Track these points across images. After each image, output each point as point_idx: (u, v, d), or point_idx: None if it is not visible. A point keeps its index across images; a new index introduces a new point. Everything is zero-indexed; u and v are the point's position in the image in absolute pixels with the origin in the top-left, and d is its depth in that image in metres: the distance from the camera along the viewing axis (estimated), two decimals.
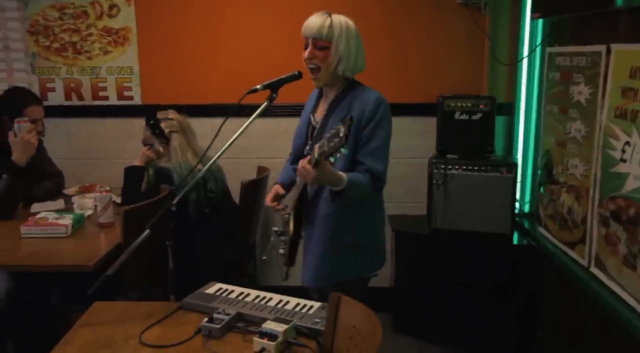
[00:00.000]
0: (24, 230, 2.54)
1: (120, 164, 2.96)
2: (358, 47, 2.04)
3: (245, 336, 1.64)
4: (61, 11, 3.43)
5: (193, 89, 3.46)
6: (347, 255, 2.08)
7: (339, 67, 2.01)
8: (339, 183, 1.89)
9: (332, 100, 2.09)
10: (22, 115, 2.83)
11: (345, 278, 2.09)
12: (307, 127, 2.18)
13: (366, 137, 1.98)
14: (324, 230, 2.06)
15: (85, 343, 1.62)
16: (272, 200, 2.18)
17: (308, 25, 2.00)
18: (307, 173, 1.81)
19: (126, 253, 1.77)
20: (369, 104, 1.99)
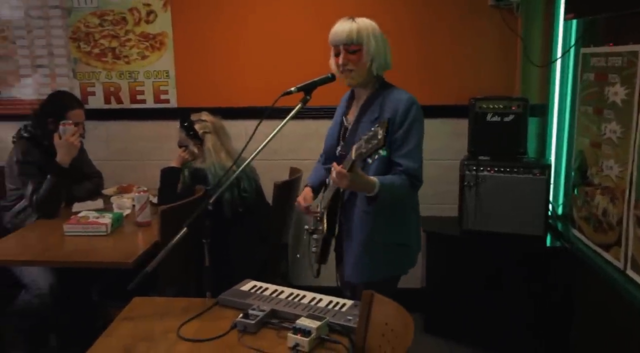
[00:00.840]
0: (66, 228, 2.64)
1: (157, 165, 3.04)
2: (385, 46, 2.09)
3: (279, 332, 1.68)
4: (101, 18, 3.54)
5: (227, 91, 3.53)
6: (386, 252, 2.11)
7: (372, 66, 2.05)
8: (372, 189, 1.92)
9: (364, 101, 2.12)
10: (66, 119, 2.93)
11: (383, 275, 2.13)
12: (340, 128, 2.21)
13: (400, 139, 2.01)
14: (363, 228, 2.09)
15: (125, 336, 1.69)
16: (304, 200, 2.22)
17: (336, 33, 2.04)
18: (341, 177, 1.83)
19: (165, 250, 1.83)
20: (401, 105, 2.02)
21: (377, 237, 2.09)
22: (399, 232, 2.14)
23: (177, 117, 3.04)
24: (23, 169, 2.89)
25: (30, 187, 2.86)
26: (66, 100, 3.06)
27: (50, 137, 2.93)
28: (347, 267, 2.17)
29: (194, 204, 2.57)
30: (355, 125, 2.12)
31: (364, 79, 2.08)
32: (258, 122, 1.96)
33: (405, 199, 2.12)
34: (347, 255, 2.17)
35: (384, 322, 1.59)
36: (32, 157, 2.92)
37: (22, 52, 3.64)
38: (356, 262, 2.13)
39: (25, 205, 2.94)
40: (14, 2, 3.57)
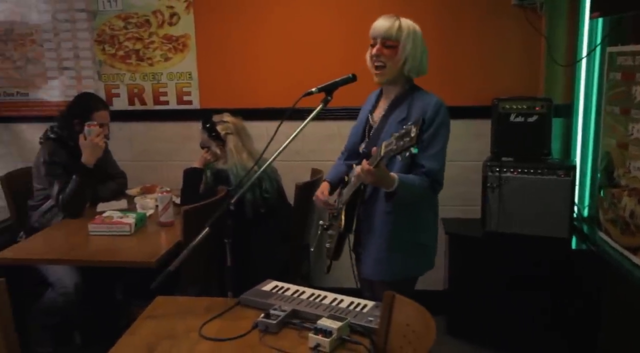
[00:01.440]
0: (91, 227, 2.68)
1: (180, 165, 3.07)
2: (423, 51, 2.10)
3: (301, 332, 1.68)
4: (126, 21, 3.59)
5: (249, 93, 3.55)
6: (407, 252, 2.13)
7: (405, 66, 2.06)
8: (391, 185, 1.93)
9: (392, 100, 2.13)
10: (91, 120, 2.98)
11: (403, 274, 2.14)
12: (365, 125, 2.22)
13: (427, 141, 2.01)
14: (385, 226, 2.10)
15: (149, 334, 1.71)
16: (322, 195, 2.23)
17: (377, 26, 2.07)
18: (367, 173, 1.85)
19: (187, 250, 1.84)
20: (430, 107, 2.04)
21: (399, 236, 2.10)
22: (419, 232, 2.15)
23: (199, 118, 3.07)
24: (49, 169, 2.95)
25: (57, 187, 2.91)
26: (92, 102, 3.11)
27: (76, 137, 2.98)
28: (367, 264, 2.18)
29: (216, 204, 2.59)
30: (381, 124, 2.13)
31: (393, 77, 2.09)
32: (279, 123, 1.97)
33: (425, 200, 2.13)
34: (367, 253, 2.18)
35: (406, 323, 1.58)
36: (58, 158, 2.97)
37: (50, 55, 3.72)
38: (378, 260, 2.13)
39: (52, 204, 3.00)
40: (42, 6, 3.64)
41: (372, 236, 2.15)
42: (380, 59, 2.06)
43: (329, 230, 2.30)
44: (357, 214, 2.14)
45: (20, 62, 3.74)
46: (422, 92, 2.12)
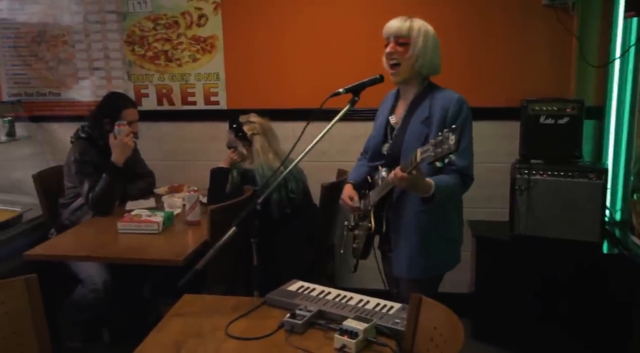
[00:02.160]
0: (120, 225, 2.72)
1: (207, 165, 3.10)
2: (435, 49, 2.10)
3: (326, 333, 1.67)
4: (155, 22, 3.64)
5: (276, 93, 3.57)
6: (438, 248, 2.14)
7: (417, 63, 2.07)
8: (428, 191, 1.94)
9: (412, 100, 2.13)
10: (120, 118, 3.03)
11: (436, 270, 2.17)
12: (385, 126, 2.22)
13: None
14: (417, 224, 2.10)
15: (176, 332, 1.72)
16: (348, 198, 2.24)
17: (389, 25, 2.10)
18: (400, 180, 1.86)
19: (214, 249, 1.86)
20: (452, 104, 2.04)
21: (430, 233, 2.11)
22: (448, 227, 2.17)
23: (226, 118, 3.09)
24: (80, 168, 3.00)
25: (87, 185, 2.96)
26: (120, 101, 3.16)
27: (106, 137, 3.03)
28: (400, 262, 2.17)
29: (242, 204, 2.60)
30: (403, 124, 2.13)
31: (409, 76, 2.10)
32: (306, 124, 1.97)
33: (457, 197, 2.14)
34: (399, 251, 2.17)
35: (433, 326, 1.57)
36: (89, 157, 3.02)
37: (81, 55, 3.79)
38: (411, 258, 2.13)
39: (82, 202, 3.05)
40: (73, 8, 3.71)
41: (402, 235, 2.14)
42: (393, 57, 2.08)
43: (355, 230, 2.30)
44: (385, 215, 2.15)
45: (53, 63, 3.82)
46: (440, 90, 2.12)
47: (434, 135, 1.96)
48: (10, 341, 1.74)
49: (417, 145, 1.98)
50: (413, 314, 1.61)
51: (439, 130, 1.97)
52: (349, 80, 2.07)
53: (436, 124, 2.03)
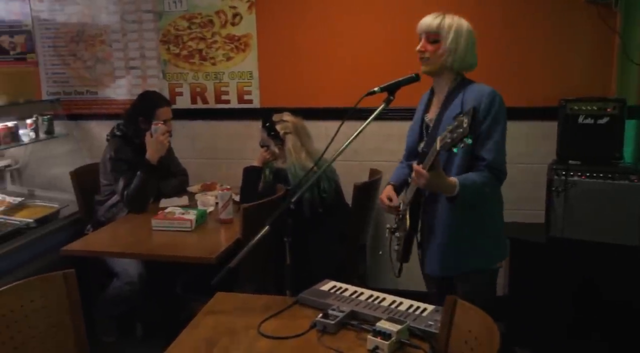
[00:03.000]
0: (154, 222, 2.75)
1: (240, 164, 3.11)
2: (468, 44, 2.05)
3: (359, 334, 1.66)
4: (190, 21, 3.68)
5: (309, 92, 3.56)
6: (472, 244, 2.09)
7: (448, 60, 2.03)
8: (452, 191, 1.92)
9: (445, 97, 2.10)
10: (154, 116, 3.08)
11: (470, 267, 2.11)
12: (421, 124, 2.20)
13: (485, 132, 1.98)
14: (448, 222, 2.07)
15: (209, 329, 1.73)
16: (387, 198, 2.22)
17: (421, 22, 2.08)
18: (419, 177, 1.85)
19: (247, 247, 1.86)
20: (484, 97, 1.99)
21: (465, 230, 2.07)
22: (484, 222, 2.11)
23: (259, 117, 3.11)
24: (115, 165, 3.05)
25: (122, 183, 3.01)
26: (154, 99, 3.21)
27: (141, 135, 3.08)
28: (431, 261, 2.16)
29: (275, 203, 2.61)
30: (437, 121, 2.10)
31: (438, 68, 2.06)
32: (340, 123, 1.96)
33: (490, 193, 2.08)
34: (430, 250, 2.16)
35: (468, 329, 1.54)
36: (124, 155, 3.07)
37: (117, 54, 3.85)
38: (443, 257, 2.11)
39: (117, 200, 3.10)
40: (111, 7, 3.78)
41: (433, 233, 2.12)
42: (424, 55, 2.06)
43: (396, 232, 2.28)
44: (420, 213, 2.13)
45: (90, 62, 3.90)
46: (473, 84, 2.08)
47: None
48: (48, 334, 1.78)
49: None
50: (447, 316, 1.59)
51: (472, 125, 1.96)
52: (383, 79, 2.06)
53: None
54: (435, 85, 2.18)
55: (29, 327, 1.74)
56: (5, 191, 3.69)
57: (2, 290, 1.70)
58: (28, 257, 3.00)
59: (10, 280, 1.81)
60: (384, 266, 3.62)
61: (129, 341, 3.15)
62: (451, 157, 2.00)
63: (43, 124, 3.67)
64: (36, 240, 3.08)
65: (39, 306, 1.76)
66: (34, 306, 1.76)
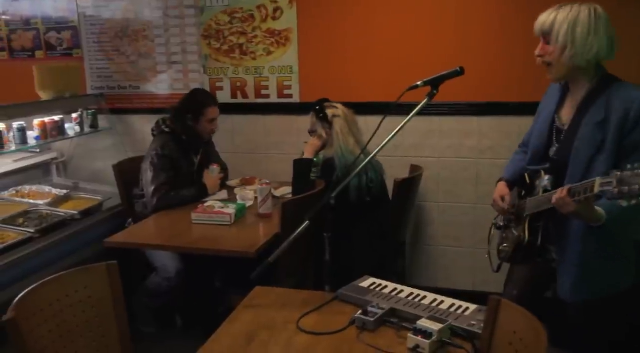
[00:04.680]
0: (194, 216, 2.78)
1: (279, 158, 3.11)
2: (589, 32, 1.78)
3: (399, 332, 1.63)
4: (231, 16, 3.69)
5: (350, 87, 3.52)
6: (610, 267, 1.88)
7: (564, 56, 1.81)
8: (597, 222, 1.71)
9: (583, 98, 1.87)
10: (203, 115, 3.14)
11: (608, 292, 1.89)
12: (551, 126, 1.97)
13: (634, 146, 1.74)
14: (584, 248, 1.85)
15: (248, 323, 1.73)
16: (500, 199, 2.09)
17: (536, 22, 1.89)
18: (565, 205, 1.67)
19: (287, 242, 1.85)
20: (634, 104, 1.74)
21: (609, 251, 1.86)
22: (620, 246, 1.89)
23: (299, 112, 3.08)
24: (159, 161, 3.06)
25: (162, 179, 3.01)
26: (204, 98, 3.24)
27: (188, 132, 3.12)
28: (564, 285, 1.93)
29: (315, 197, 2.59)
30: (573, 127, 1.87)
31: (564, 73, 1.86)
32: (382, 118, 1.92)
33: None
34: (563, 272, 1.93)
35: (512, 331, 1.50)
36: (170, 152, 3.08)
37: (160, 49, 3.90)
38: (578, 280, 1.89)
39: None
40: (154, 3, 3.83)
41: (568, 252, 1.89)
42: (544, 59, 1.87)
43: (504, 231, 2.13)
44: (543, 227, 1.92)
45: (134, 57, 3.96)
46: (620, 85, 1.81)
47: (611, 141, 1.74)
48: (92, 324, 1.81)
49: (589, 152, 1.78)
50: (491, 317, 1.55)
51: (619, 136, 1.75)
52: (424, 73, 1.99)
53: (614, 127, 1.75)
54: (571, 85, 1.93)
55: (74, 316, 1.77)
56: (52, 183, 3.78)
57: (48, 280, 1.74)
58: (73, 248, 3.07)
59: (55, 270, 1.85)
60: (422, 264, 3.57)
61: (168, 332, 3.20)
62: (592, 167, 1.77)
63: (88, 118, 3.75)
64: (80, 232, 3.15)
65: (84, 296, 1.80)
66: (79, 296, 1.79)
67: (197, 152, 3.28)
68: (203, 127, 3.19)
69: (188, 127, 3.15)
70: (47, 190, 3.51)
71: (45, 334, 1.68)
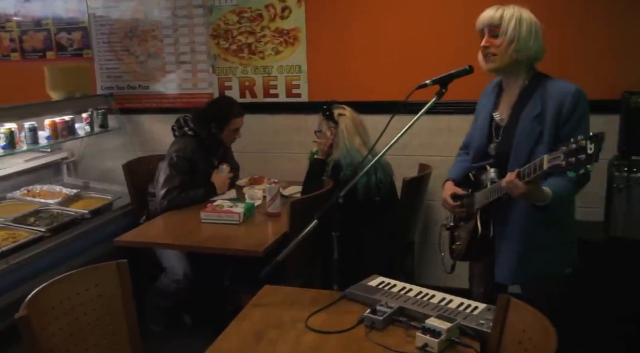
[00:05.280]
0: (203, 215, 2.78)
1: (287, 158, 3.11)
2: (531, 32, 1.91)
3: (407, 330, 1.63)
4: (240, 15, 3.70)
5: (358, 86, 3.52)
6: (545, 251, 1.97)
7: (510, 48, 1.90)
8: (545, 200, 1.80)
9: (519, 94, 1.98)
10: (227, 125, 3.13)
11: (542, 274, 2.00)
12: (490, 124, 2.06)
13: (569, 135, 1.75)
14: (524, 231, 1.95)
15: (257, 321, 1.74)
16: (450, 198, 2.12)
17: (481, 17, 1.98)
18: (515, 187, 1.74)
19: (295, 241, 1.85)
20: (568, 97, 1.86)
21: (543, 236, 1.95)
22: (560, 230, 1.99)
23: (307, 111, 3.09)
24: (178, 162, 3.05)
25: (176, 182, 3.00)
26: (229, 108, 3.19)
27: (211, 137, 3.13)
28: (502, 269, 2.03)
29: (323, 197, 2.59)
30: (512, 121, 1.96)
31: (504, 64, 1.94)
32: (391, 117, 1.92)
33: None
34: (502, 257, 2.02)
35: (522, 329, 1.49)
36: (190, 154, 3.08)
37: (168, 49, 3.92)
38: (516, 265, 1.98)
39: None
40: (163, 3, 3.84)
41: (507, 240, 1.99)
42: (489, 51, 1.94)
43: (454, 231, 2.18)
44: (494, 218, 2.00)
45: (143, 57, 3.98)
46: (553, 80, 1.94)
47: (549, 133, 1.86)
48: (103, 322, 1.82)
49: (530, 144, 1.88)
50: (500, 316, 1.54)
51: (555, 127, 1.87)
52: (433, 72, 1.99)
53: (550, 120, 1.87)
54: (505, 83, 2.05)
55: (84, 314, 1.78)
56: (62, 183, 3.81)
57: (59, 279, 1.76)
58: (83, 247, 3.09)
59: (66, 269, 1.87)
60: (431, 263, 3.56)
61: (177, 331, 3.21)
62: (533, 157, 1.83)
63: (97, 118, 3.77)
64: (90, 231, 3.17)
65: (94, 294, 1.81)
66: (89, 294, 1.80)
67: (217, 154, 3.30)
68: (226, 136, 3.18)
69: (212, 134, 3.14)
70: (57, 189, 3.54)
71: (56, 332, 1.69)
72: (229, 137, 3.21)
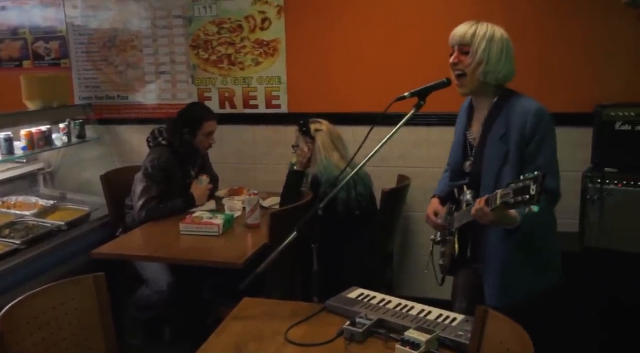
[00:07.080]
0: (182, 227, 2.77)
1: (267, 169, 3.12)
2: (502, 53, 1.92)
3: (387, 342, 1.64)
4: (219, 26, 3.70)
5: (338, 97, 3.54)
6: (527, 274, 1.97)
7: (479, 70, 1.90)
8: (513, 224, 1.82)
9: (487, 115, 1.98)
10: (200, 129, 3.12)
11: (527, 294, 1.98)
12: (464, 143, 2.08)
13: (533, 154, 1.87)
14: (502, 253, 1.95)
15: (236, 334, 1.73)
16: (433, 214, 2.14)
17: (453, 33, 1.97)
18: (483, 215, 1.76)
19: (275, 253, 1.85)
20: (529, 116, 1.87)
21: (519, 258, 1.95)
22: (539, 248, 2.00)
23: (287, 122, 3.10)
24: (153, 173, 3.03)
25: (153, 192, 2.99)
26: (202, 111, 3.21)
27: (185, 145, 3.12)
28: (489, 289, 2.01)
29: (302, 208, 2.59)
30: (481, 142, 1.98)
31: (475, 87, 1.95)
32: (369, 128, 1.94)
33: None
34: (487, 279, 2.01)
35: (499, 341, 1.50)
36: (165, 164, 3.07)
37: (148, 59, 3.90)
38: (500, 287, 1.98)
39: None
40: (142, 13, 3.83)
41: (487, 264, 1.99)
42: (457, 67, 1.95)
43: (441, 246, 2.18)
44: (471, 239, 2.00)
45: (122, 67, 3.96)
46: (517, 99, 1.93)
47: (514, 154, 1.87)
48: (80, 336, 1.80)
49: (497, 164, 1.89)
50: (478, 327, 1.55)
51: (519, 148, 1.88)
52: (412, 84, 2.01)
53: (514, 140, 1.88)
54: (475, 102, 2.06)
55: (60, 328, 1.76)
56: (38, 194, 3.75)
57: (35, 293, 1.73)
58: (59, 259, 3.04)
59: (42, 281, 1.84)
60: (410, 274, 3.58)
61: (156, 344, 3.17)
62: (501, 177, 1.88)
63: (75, 128, 3.73)
64: (67, 243, 3.12)
65: (70, 308, 1.79)
66: (65, 308, 1.78)
67: (194, 163, 3.28)
68: (200, 141, 3.17)
69: (185, 140, 3.13)
70: (33, 200, 3.48)
71: (31, 348, 1.66)
72: (203, 143, 3.20)
